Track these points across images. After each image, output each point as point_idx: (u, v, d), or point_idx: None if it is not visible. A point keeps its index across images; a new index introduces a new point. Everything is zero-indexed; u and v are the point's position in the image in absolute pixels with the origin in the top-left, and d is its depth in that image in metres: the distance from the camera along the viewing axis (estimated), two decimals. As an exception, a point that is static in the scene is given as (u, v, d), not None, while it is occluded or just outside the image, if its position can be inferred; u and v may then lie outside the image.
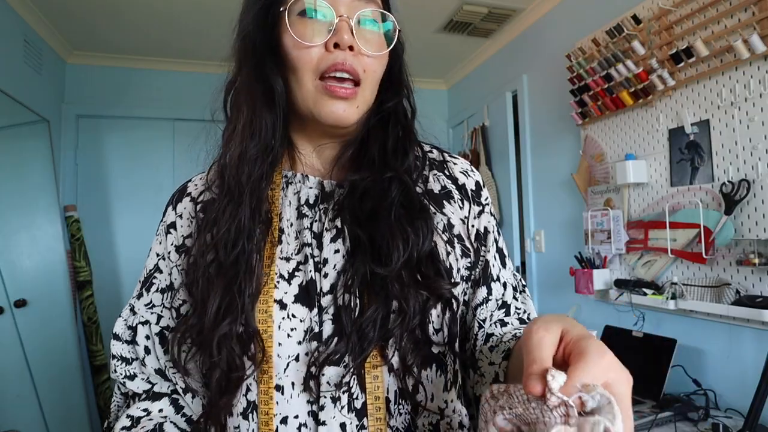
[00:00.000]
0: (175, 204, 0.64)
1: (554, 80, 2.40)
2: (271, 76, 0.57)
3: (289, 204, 0.59)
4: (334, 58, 0.53)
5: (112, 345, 0.61)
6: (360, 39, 0.54)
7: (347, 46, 0.52)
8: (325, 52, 0.53)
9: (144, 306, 0.61)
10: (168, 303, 0.60)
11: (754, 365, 1.46)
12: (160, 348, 0.59)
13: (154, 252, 0.63)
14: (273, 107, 0.58)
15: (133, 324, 0.60)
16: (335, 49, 0.53)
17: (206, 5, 2.47)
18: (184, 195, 0.64)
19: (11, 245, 2.45)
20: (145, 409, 0.59)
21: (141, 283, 0.63)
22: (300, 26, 0.54)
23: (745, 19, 1.48)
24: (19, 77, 2.41)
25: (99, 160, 3.06)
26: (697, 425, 1.44)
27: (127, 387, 0.60)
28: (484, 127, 3.13)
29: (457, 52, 3.23)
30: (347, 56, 0.53)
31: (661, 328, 1.80)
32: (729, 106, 1.55)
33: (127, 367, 0.60)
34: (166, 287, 0.61)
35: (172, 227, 0.62)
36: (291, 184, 0.60)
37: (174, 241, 0.61)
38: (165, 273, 0.61)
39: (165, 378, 0.60)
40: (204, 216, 0.58)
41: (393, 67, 0.61)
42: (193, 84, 3.20)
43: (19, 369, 2.35)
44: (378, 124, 0.60)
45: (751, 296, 1.45)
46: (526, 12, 2.64)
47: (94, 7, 2.47)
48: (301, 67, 0.54)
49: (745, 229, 1.49)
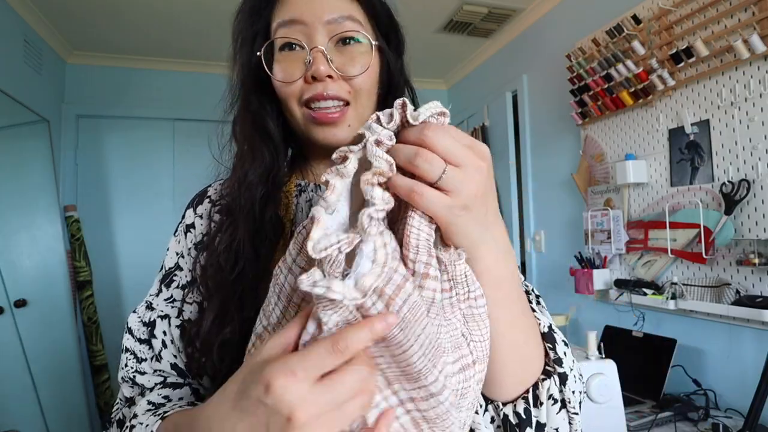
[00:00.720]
0: (195, 206, 0.66)
1: (554, 80, 2.40)
2: (262, 111, 0.60)
3: (302, 210, 0.61)
4: (314, 89, 0.54)
5: (125, 339, 0.60)
6: (342, 59, 0.55)
7: (324, 76, 0.54)
8: (305, 84, 0.55)
9: (164, 301, 0.61)
10: (190, 299, 0.60)
11: (754, 365, 1.46)
12: (179, 342, 0.59)
13: (173, 251, 0.64)
14: (268, 139, 0.60)
15: (151, 319, 0.60)
16: (314, 80, 0.54)
17: (206, 5, 2.47)
18: (205, 198, 0.66)
19: (11, 245, 2.45)
20: (166, 396, 0.58)
21: (159, 281, 0.63)
22: (282, 61, 0.56)
23: (745, 19, 1.48)
24: (19, 77, 2.41)
25: (99, 160, 3.06)
26: (697, 425, 1.44)
27: (137, 381, 0.59)
28: (484, 127, 3.13)
29: (457, 52, 3.23)
30: (327, 85, 0.54)
31: (661, 328, 1.80)
32: (729, 106, 1.55)
33: (139, 364, 0.59)
34: (187, 283, 0.61)
35: (192, 227, 0.64)
36: (304, 192, 0.63)
37: (193, 239, 0.63)
38: (185, 270, 0.62)
39: (180, 374, 0.59)
40: (215, 224, 0.60)
41: (393, 69, 0.61)
42: (193, 84, 3.20)
43: (19, 369, 2.35)
44: None
45: (751, 296, 1.45)
46: (526, 12, 2.64)
47: (94, 7, 2.47)
48: (287, 99, 0.57)
49: (745, 229, 1.49)
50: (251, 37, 0.59)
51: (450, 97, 3.73)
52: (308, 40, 0.54)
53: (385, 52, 0.60)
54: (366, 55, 0.56)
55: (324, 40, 0.54)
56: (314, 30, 0.54)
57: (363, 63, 0.56)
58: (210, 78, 3.21)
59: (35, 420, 2.38)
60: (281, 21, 0.55)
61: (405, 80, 0.64)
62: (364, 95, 0.57)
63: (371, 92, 0.58)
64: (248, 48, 0.59)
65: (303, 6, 0.55)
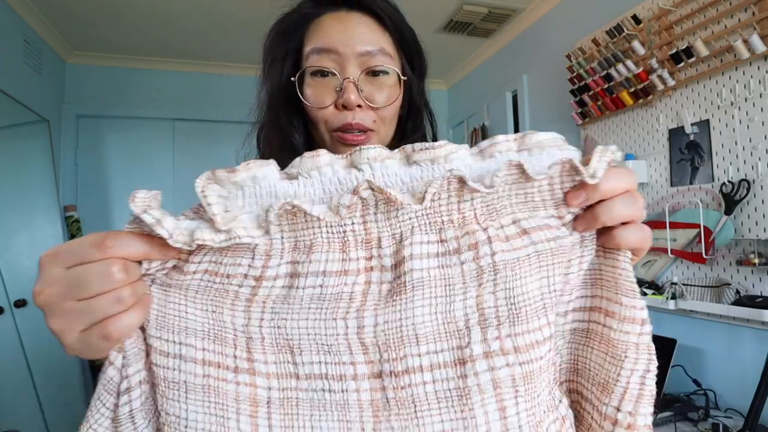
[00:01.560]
0: None
1: (554, 80, 2.40)
2: (289, 127, 0.62)
3: None
4: (344, 117, 0.57)
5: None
6: (370, 88, 0.58)
7: (354, 106, 0.56)
8: (335, 111, 0.57)
9: None
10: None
11: (754, 365, 1.46)
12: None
13: None
14: (294, 154, 0.61)
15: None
16: (344, 109, 0.57)
17: (206, 5, 2.47)
18: None
19: (11, 245, 2.45)
20: None
21: None
22: (314, 86, 0.58)
23: (745, 19, 1.48)
24: (19, 77, 2.41)
25: (99, 160, 3.06)
26: (697, 425, 1.44)
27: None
28: (485, 127, 3.13)
29: (457, 52, 3.23)
30: (356, 115, 0.57)
31: (661, 328, 1.80)
32: (729, 106, 1.55)
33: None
34: None
35: None
36: None
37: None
38: None
39: None
40: None
41: (415, 94, 0.64)
42: (193, 84, 3.20)
43: (19, 369, 2.35)
44: None
45: (751, 296, 1.45)
46: (526, 12, 2.64)
47: (94, 7, 2.47)
48: (317, 123, 0.59)
49: (745, 229, 1.49)
50: (282, 57, 0.61)
51: (450, 97, 3.74)
52: (340, 69, 0.57)
53: (410, 78, 0.62)
54: (394, 88, 0.59)
55: (356, 72, 0.57)
56: (347, 61, 0.56)
57: (390, 95, 0.59)
58: (210, 78, 3.21)
59: (35, 420, 2.38)
60: (315, 48, 0.57)
61: (425, 102, 0.66)
62: (388, 122, 0.60)
63: (394, 118, 0.61)
64: (278, 67, 0.61)
65: (337, 36, 0.57)
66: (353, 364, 0.35)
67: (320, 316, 0.34)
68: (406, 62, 0.62)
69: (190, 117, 3.18)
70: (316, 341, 0.35)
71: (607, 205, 0.35)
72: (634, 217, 0.36)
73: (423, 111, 0.66)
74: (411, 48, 0.63)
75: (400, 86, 0.59)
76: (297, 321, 0.34)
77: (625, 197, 0.35)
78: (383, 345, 0.34)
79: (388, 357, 0.35)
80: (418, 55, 0.64)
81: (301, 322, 0.34)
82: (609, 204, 0.35)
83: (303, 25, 0.60)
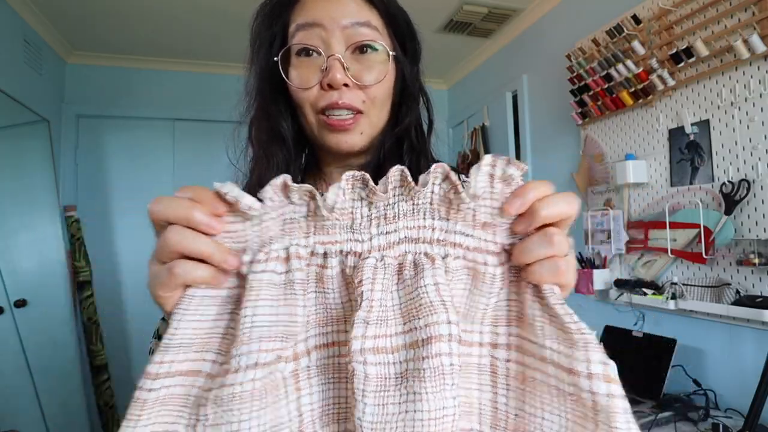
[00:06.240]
0: None
1: (554, 80, 2.40)
2: (277, 115, 0.59)
3: None
4: (330, 97, 0.54)
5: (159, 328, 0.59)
6: (358, 67, 0.55)
7: (341, 84, 0.54)
8: (321, 91, 0.55)
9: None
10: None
11: (754, 365, 1.46)
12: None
13: None
14: (282, 143, 0.60)
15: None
16: (330, 88, 0.54)
17: (206, 5, 2.47)
18: None
19: (11, 245, 2.45)
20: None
21: None
22: (299, 66, 0.56)
23: (745, 19, 1.48)
24: (19, 77, 2.41)
25: (99, 160, 3.06)
26: (697, 425, 1.44)
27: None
28: (484, 127, 3.13)
29: (457, 52, 3.23)
30: (342, 94, 0.54)
31: (661, 328, 1.80)
32: (729, 106, 1.55)
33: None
34: None
35: None
36: None
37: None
38: None
39: None
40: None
41: (408, 78, 0.61)
42: (193, 84, 3.20)
43: (19, 369, 2.35)
44: (394, 145, 0.61)
45: (751, 296, 1.45)
46: (526, 12, 2.64)
47: (94, 7, 2.47)
48: (303, 105, 0.57)
49: (745, 229, 1.49)
50: (269, 40, 0.59)
51: (450, 97, 3.74)
52: (325, 46, 0.54)
53: (401, 60, 0.60)
54: (382, 64, 0.56)
55: (341, 48, 0.54)
56: (332, 35, 0.54)
57: (379, 72, 0.56)
58: (210, 78, 3.21)
59: (35, 420, 2.38)
60: (299, 23, 0.55)
61: (420, 87, 0.64)
62: (378, 104, 0.57)
63: (385, 101, 0.59)
64: (265, 51, 0.59)
65: (321, 10, 0.55)
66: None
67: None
68: (398, 44, 0.60)
69: (190, 117, 3.18)
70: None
71: (521, 246, 0.35)
72: (549, 254, 0.34)
73: (418, 96, 0.63)
74: (403, 29, 0.61)
75: (388, 65, 0.57)
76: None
77: (538, 238, 0.34)
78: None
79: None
80: (411, 38, 0.62)
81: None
82: (524, 245, 0.35)
83: (289, 4, 0.58)
